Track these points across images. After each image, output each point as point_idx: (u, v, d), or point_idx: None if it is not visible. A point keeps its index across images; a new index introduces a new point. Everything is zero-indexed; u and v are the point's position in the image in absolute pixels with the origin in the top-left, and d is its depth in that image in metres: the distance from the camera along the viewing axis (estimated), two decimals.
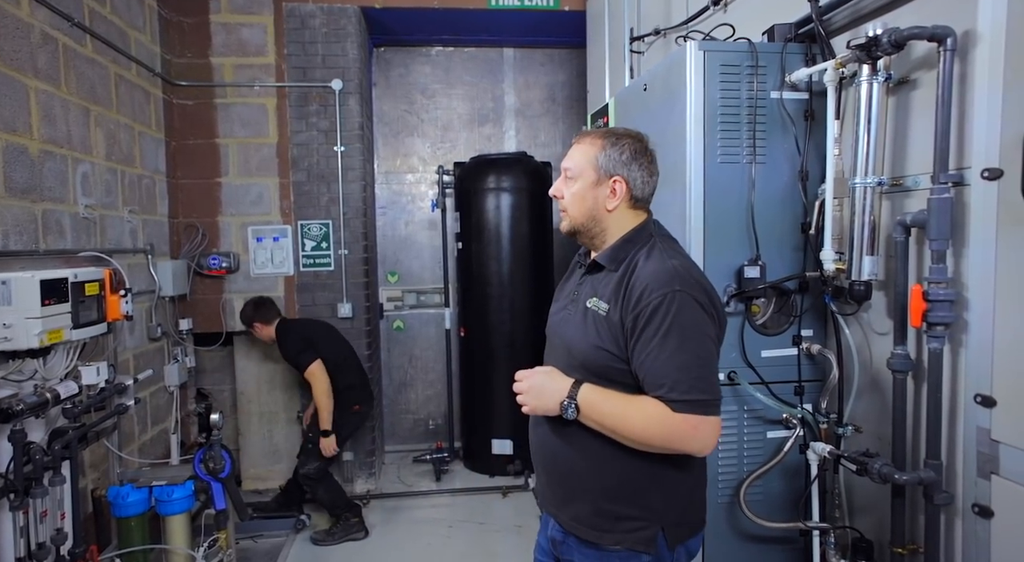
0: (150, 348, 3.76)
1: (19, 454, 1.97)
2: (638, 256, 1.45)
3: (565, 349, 1.52)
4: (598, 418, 1.40)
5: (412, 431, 5.35)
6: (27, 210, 2.67)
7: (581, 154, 1.51)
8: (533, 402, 1.47)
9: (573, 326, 1.51)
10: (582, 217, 1.51)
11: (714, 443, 1.37)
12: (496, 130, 5.48)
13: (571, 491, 1.51)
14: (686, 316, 1.34)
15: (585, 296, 1.51)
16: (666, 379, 1.34)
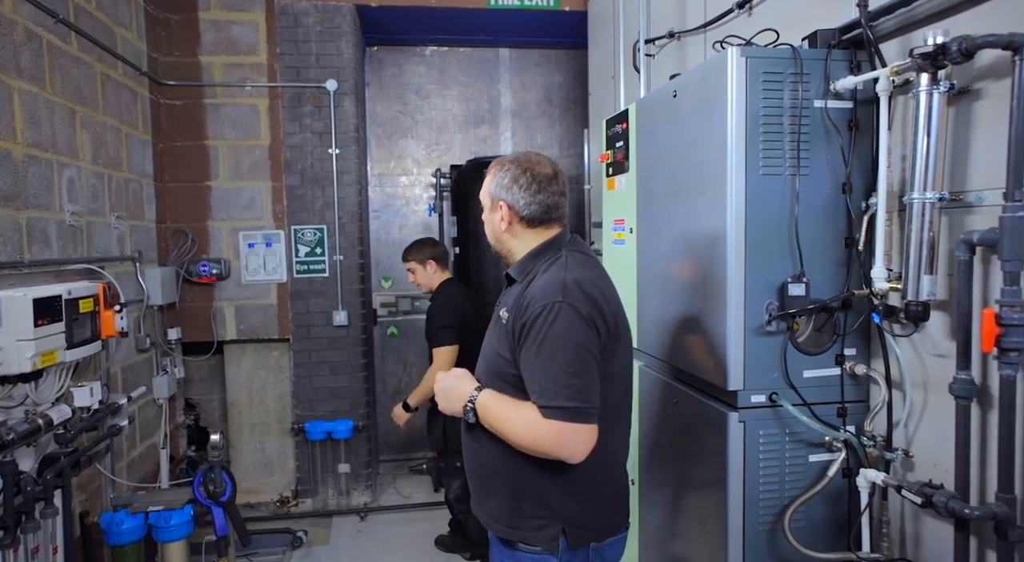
0: (139, 360, 3.60)
1: (9, 487, 1.82)
2: (539, 269, 1.55)
3: (483, 354, 1.66)
4: (490, 422, 1.52)
5: (407, 440, 5.22)
6: (11, 218, 2.51)
7: (484, 183, 1.68)
8: (443, 403, 1.62)
9: (489, 333, 1.65)
10: (491, 238, 1.69)
11: (584, 451, 1.43)
12: (492, 132, 5.37)
13: (484, 488, 1.62)
14: (560, 326, 1.42)
15: (500, 306, 1.63)
16: (537, 385, 1.43)
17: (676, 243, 2.09)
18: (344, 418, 4.23)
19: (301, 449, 4.28)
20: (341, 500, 4.28)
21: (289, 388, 4.32)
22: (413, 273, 3.48)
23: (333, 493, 4.28)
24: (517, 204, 1.59)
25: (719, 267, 1.79)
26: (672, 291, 2.12)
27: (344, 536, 3.93)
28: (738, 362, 1.75)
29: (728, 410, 1.78)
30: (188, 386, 4.36)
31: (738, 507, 1.76)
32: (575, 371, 1.41)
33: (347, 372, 4.28)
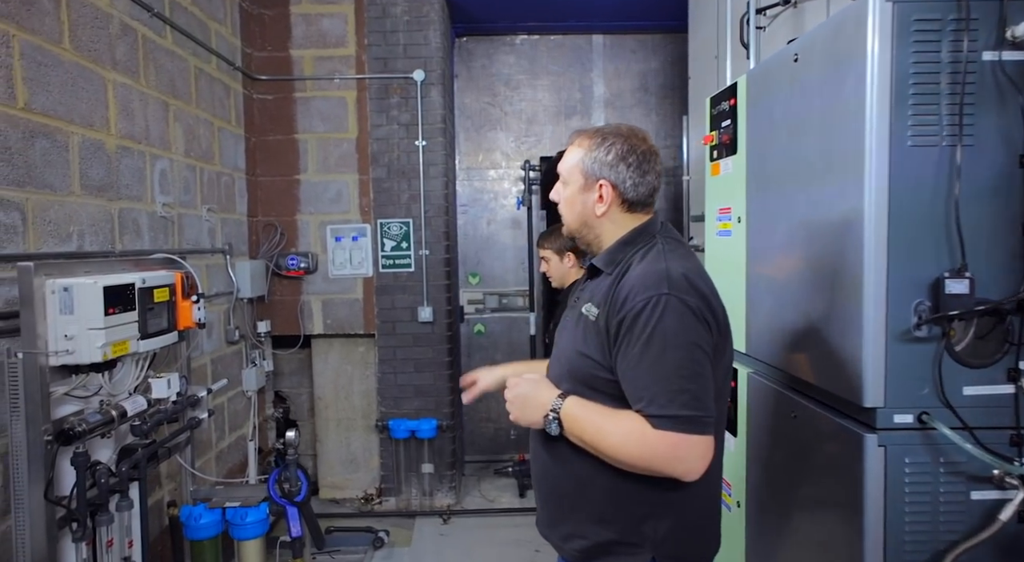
0: (228, 352, 3.63)
1: (82, 479, 1.78)
2: (633, 258, 1.38)
3: (558, 357, 1.47)
4: (579, 434, 1.32)
5: (493, 441, 5.08)
6: (103, 209, 2.53)
7: (570, 157, 1.46)
8: (517, 413, 1.40)
9: (567, 332, 1.46)
10: (575, 223, 1.47)
11: (702, 467, 1.25)
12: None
13: (561, 511, 1.43)
14: (669, 322, 1.24)
15: (582, 301, 1.44)
16: (645, 391, 1.25)
17: (796, 232, 1.80)
18: (428, 417, 4.12)
19: (385, 447, 4.21)
20: (424, 501, 4.18)
21: (374, 384, 4.26)
22: (546, 262, 3.13)
23: (416, 493, 4.19)
24: (623, 185, 1.40)
25: (853, 259, 1.49)
26: (790, 288, 1.83)
27: (426, 538, 3.82)
28: (877, 374, 1.45)
29: (864, 431, 1.47)
30: (278, 379, 4.40)
31: (877, 547, 1.45)
32: (689, 374, 1.23)
33: (432, 370, 4.18)
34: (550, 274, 3.17)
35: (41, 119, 2.22)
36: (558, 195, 1.50)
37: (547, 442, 1.41)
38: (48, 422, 1.72)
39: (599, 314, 1.35)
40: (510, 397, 1.40)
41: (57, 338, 1.75)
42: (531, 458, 1.53)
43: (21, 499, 1.75)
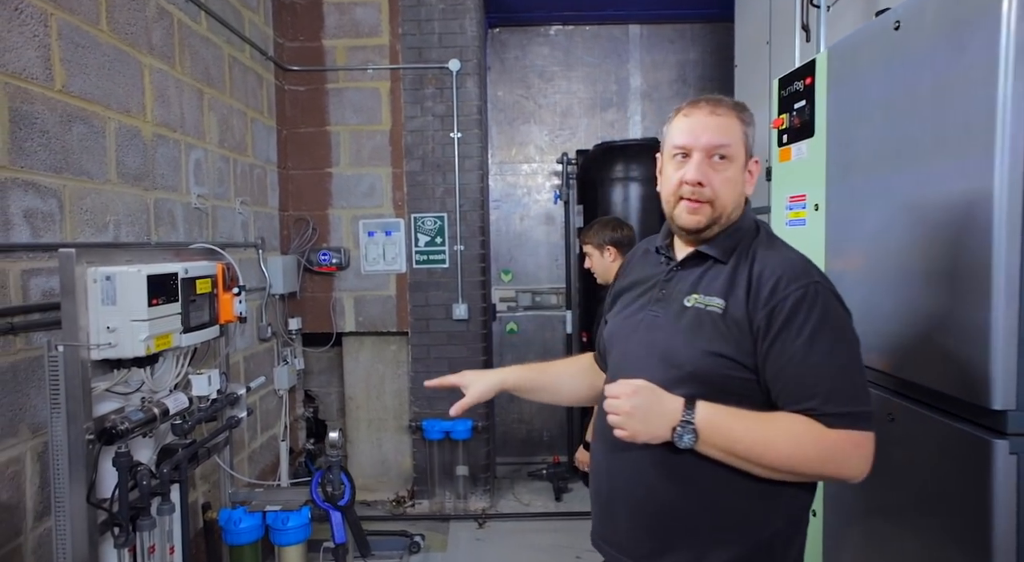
0: (260, 349, 3.52)
1: (124, 481, 1.67)
2: (754, 245, 1.26)
3: (658, 359, 1.24)
4: (726, 444, 1.14)
5: (525, 443, 4.95)
6: (139, 199, 2.43)
7: (732, 129, 1.25)
8: (636, 427, 1.15)
9: (669, 330, 1.25)
10: (731, 205, 1.27)
11: (870, 466, 1.14)
12: (620, 115, 4.99)
13: (670, 537, 1.23)
14: (832, 313, 1.16)
15: (679, 293, 1.26)
16: (818, 388, 1.12)
17: (894, 218, 1.64)
18: (462, 418, 3.99)
19: (418, 448, 4.09)
20: (459, 504, 4.05)
21: (407, 383, 4.14)
22: (590, 258, 2.96)
23: (450, 496, 4.07)
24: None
25: (978, 246, 1.33)
26: (888, 278, 1.67)
27: (462, 544, 3.69)
28: (1008, 372, 1.29)
29: (991, 436, 1.32)
30: (307, 378, 4.29)
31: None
32: (858, 368, 1.16)
33: (466, 369, 4.03)
34: (594, 270, 3.02)
35: (78, 103, 2.12)
36: (706, 176, 1.23)
37: (661, 456, 1.20)
38: (90, 420, 1.62)
39: (727, 306, 1.19)
40: (627, 408, 1.14)
41: (99, 330, 1.64)
42: (619, 477, 1.29)
43: (62, 501, 1.65)
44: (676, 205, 1.27)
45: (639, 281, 1.39)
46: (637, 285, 1.38)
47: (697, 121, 1.24)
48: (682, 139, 1.25)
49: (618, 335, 1.36)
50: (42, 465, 1.88)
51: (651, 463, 1.22)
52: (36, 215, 1.92)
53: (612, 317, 1.41)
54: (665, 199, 1.31)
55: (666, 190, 1.30)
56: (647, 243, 1.48)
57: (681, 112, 1.28)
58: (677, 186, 1.25)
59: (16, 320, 1.82)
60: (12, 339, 1.82)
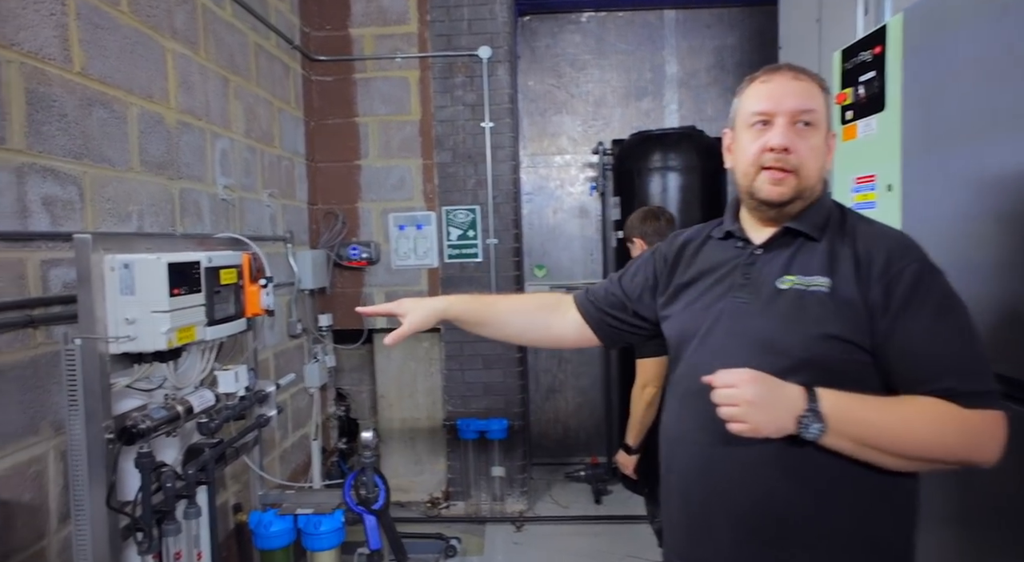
0: (290, 346, 3.42)
1: (147, 483, 1.56)
2: (847, 220, 1.18)
3: (757, 348, 1.12)
4: (858, 432, 1.03)
5: (562, 443, 4.79)
6: (163, 188, 2.33)
7: (816, 95, 1.17)
8: (760, 418, 1.01)
9: (765, 317, 1.14)
10: (815, 178, 1.17)
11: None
12: (655, 104, 4.80)
13: (787, 546, 1.10)
14: (950, 289, 1.09)
15: (768, 276, 1.17)
16: (953, 367, 1.05)
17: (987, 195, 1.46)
18: (498, 417, 3.86)
19: (452, 448, 3.96)
20: (495, 506, 3.92)
21: (440, 382, 4.02)
22: (632, 250, 2.81)
23: (486, 498, 3.93)
24: None
25: None
26: (977, 263, 1.49)
27: (499, 547, 3.55)
28: None
29: None
30: (339, 376, 4.19)
31: None
32: (983, 345, 1.08)
33: (501, 367, 3.91)
34: None
35: (98, 86, 2.02)
36: (792, 142, 1.14)
37: (776, 455, 1.08)
38: (109, 418, 1.51)
39: (834, 285, 1.10)
40: (749, 397, 1.01)
41: (117, 322, 1.53)
42: (722, 482, 1.14)
43: (82, 504, 1.55)
44: (756, 176, 1.17)
45: (707, 270, 1.28)
46: (706, 275, 1.27)
47: (779, 85, 1.17)
48: (763, 104, 1.16)
49: (692, 328, 1.23)
50: (65, 465, 1.78)
51: (766, 461, 1.09)
52: (55, 203, 1.83)
53: (679, 312, 1.29)
54: (743, 172, 1.20)
55: (743, 161, 1.20)
56: (695, 233, 1.37)
57: (757, 79, 1.21)
58: (758, 154, 1.16)
59: (36, 313, 1.73)
60: (32, 333, 1.73)
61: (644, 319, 1.40)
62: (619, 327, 1.42)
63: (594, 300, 1.45)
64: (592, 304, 1.44)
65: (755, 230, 1.24)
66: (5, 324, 1.63)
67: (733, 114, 1.25)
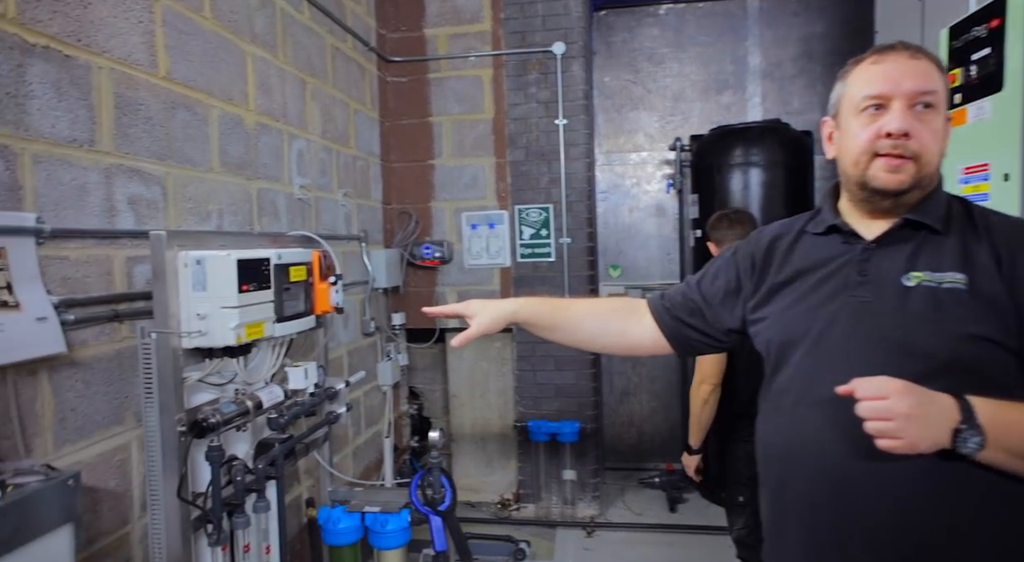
0: (363, 344, 3.47)
1: (217, 476, 1.59)
2: (973, 212, 1.10)
3: (892, 351, 1.03)
4: (1017, 444, 0.95)
5: (636, 448, 4.66)
6: (242, 188, 2.40)
7: (934, 75, 1.08)
8: (916, 433, 0.93)
9: (895, 316, 1.05)
10: (936, 161, 1.09)
11: None
12: (737, 98, 4.60)
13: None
14: None
15: (891, 272, 1.08)
16: None
17: None
18: (570, 419, 3.78)
19: (524, 450, 3.91)
20: (565, 510, 3.84)
21: (511, 382, 3.98)
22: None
23: (557, 501, 3.86)
24: None
25: None
26: None
27: (569, 552, 3.48)
28: None
29: None
30: (412, 374, 4.23)
31: None
32: None
33: (573, 368, 3.83)
34: None
35: (182, 90, 2.09)
36: (912, 126, 1.05)
37: (928, 471, 1.00)
38: (182, 411, 1.55)
39: (972, 281, 1.02)
40: (905, 410, 0.93)
41: (190, 317, 1.57)
42: (864, 501, 1.05)
43: (156, 494, 1.59)
44: (869, 164, 1.08)
45: (809, 268, 1.18)
46: (807, 273, 1.18)
47: (895, 66, 1.08)
48: (877, 87, 1.08)
49: (799, 331, 1.14)
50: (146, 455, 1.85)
51: (914, 477, 1.00)
52: (140, 202, 1.90)
53: (778, 314, 1.19)
54: (853, 160, 1.11)
55: (854, 149, 1.11)
56: (783, 229, 1.28)
57: (866, 60, 1.12)
58: (872, 141, 1.07)
59: (121, 308, 1.79)
60: (117, 327, 1.80)
61: (724, 327, 1.31)
62: (696, 337, 1.34)
63: (670, 307, 1.37)
64: (668, 311, 1.36)
65: (862, 223, 1.15)
66: (93, 318, 1.70)
67: (836, 100, 1.17)
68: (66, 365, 1.63)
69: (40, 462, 1.51)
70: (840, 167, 1.16)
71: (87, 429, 1.68)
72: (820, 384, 1.04)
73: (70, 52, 1.68)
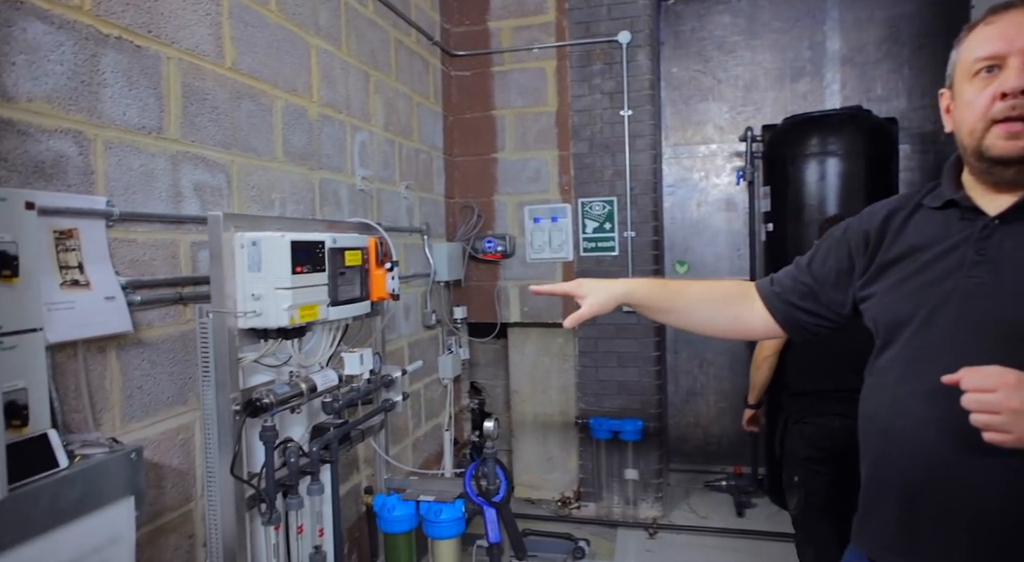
0: (424, 337, 3.49)
1: (270, 455, 1.61)
2: None
3: (1006, 336, 0.98)
4: None
5: (702, 449, 4.51)
6: (304, 178, 2.44)
7: None
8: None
9: (1015, 299, 0.99)
10: None
11: None
12: (814, 85, 4.38)
13: None
14: None
15: (1015, 251, 1.02)
16: None
17: None
18: (632, 417, 3.69)
19: (585, 447, 3.85)
20: (627, 510, 3.75)
21: (573, 378, 3.92)
22: None
23: (618, 501, 3.78)
24: None
25: None
26: None
27: (630, 553, 3.39)
28: None
29: None
30: (473, 369, 4.23)
31: None
32: None
33: (637, 365, 3.73)
34: None
35: (247, 80, 2.14)
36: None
37: None
38: (237, 390, 1.58)
39: None
40: (1016, 404, 0.88)
41: (245, 298, 1.60)
42: (972, 492, 1.02)
43: (213, 472, 1.62)
44: (986, 133, 1.02)
45: (922, 245, 1.12)
46: (920, 250, 1.12)
47: (1010, 23, 1.01)
48: (991, 47, 1.02)
49: (908, 311, 1.09)
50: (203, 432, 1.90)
51: (1021, 473, 0.97)
52: (205, 189, 1.96)
53: (885, 292, 1.15)
54: (968, 130, 1.06)
55: (970, 118, 1.05)
56: (899, 203, 1.21)
57: (981, 23, 1.06)
58: (987, 106, 1.02)
59: (185, 291, 1.85)
60: (181, 309, 1.86)
61: (839, 308, 1.26)
62: (809, 320, 1.30)
63: (781, 291, 1.33)
64: (778, 296, 1.33)
65: (985, 198, 1.08)
66: (158, 300, 1.76)
67: (951, 70, 1.12)
68: (133, 344, 1.68)
69: (106, 435, 1.58)
70: (957, 139, 1.10)
71: (152, 407, 1.74)
72: (925, 369, 1.00)
73: (141, 43, 1.74)
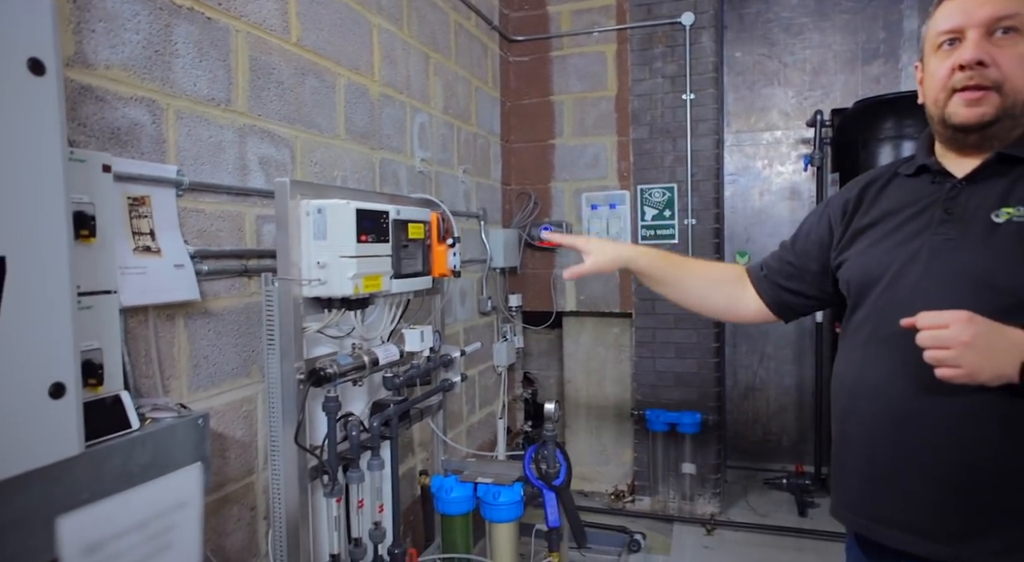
0: (480, 323, 3.46)
1: (332, 426, 1.60)
2: None
3: (969, 286, 1.01)
4: None
5: (762, 446, 4.36)
6: (365, 157, 2.44)
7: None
8: (977, 362, 0.91)
9: (979, 253, 1.02)
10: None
11: None
12: (888, 68, 4.17)
13: (996, 510, 0.99)
14: None
15: (979, 209, 1.04)
16: None
17: None
18: (690, 410, 3.58)
19: (640, 440, 3.76)
20: (683, 505, 3.65)
21: (628, 369, 3.84)
22: None
23: (674, 496, 3.68)
24: None
25: None
26: None
27: (687, 549, 3.29)
28: None
29: None
30: (527, 359, 4.19)
31: None
32: None
33: (695, 356, 3.63)
34: None
35: (311, 57, 2.15)
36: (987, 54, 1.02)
37: (992, 407, 0.98)
38: (301, 359, 1.57)
39: None
40: (966, 338, 0.90)
41: (310, 266, 1.59)
42: (922, 436, 1.04)
43: (276, 441, 1.62)
44: (948, 102, 1.06)
45: (894, 210, 1.17)
46: (891, 215, 1.16)
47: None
48: (951, 21, 1.06)
49: (878, 270, 1.12)
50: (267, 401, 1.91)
51: (977, 413, 0.99)
52: (270, 163, 1.96)
53: (857, 255, 1.18)
54: (933, 100, 1.10)
55: (933, 89, 1.10)
56: (878, 173, 1.25)
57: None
58: (947, 77, 1.05)
59: (250, 263, 1.86)
60: (246, 281, 1.87)
61: (824, 284, 1.29)
62: (797, 301, 1.34)
63: (768, 273, 1.38)
64: (766, 279, 1.37)
65: (954, 163, 1.12)
66: (224, 270, 1.77)
67: (921, 44, 1.16)
68: (200, 314, 1.70)
69: (175, 401, 1.59)
70: (926, 109, 1.13)
71: (217, 377, 1.75)
72: (891, 321, 1.01)
73: (212, 15, 1.75)
